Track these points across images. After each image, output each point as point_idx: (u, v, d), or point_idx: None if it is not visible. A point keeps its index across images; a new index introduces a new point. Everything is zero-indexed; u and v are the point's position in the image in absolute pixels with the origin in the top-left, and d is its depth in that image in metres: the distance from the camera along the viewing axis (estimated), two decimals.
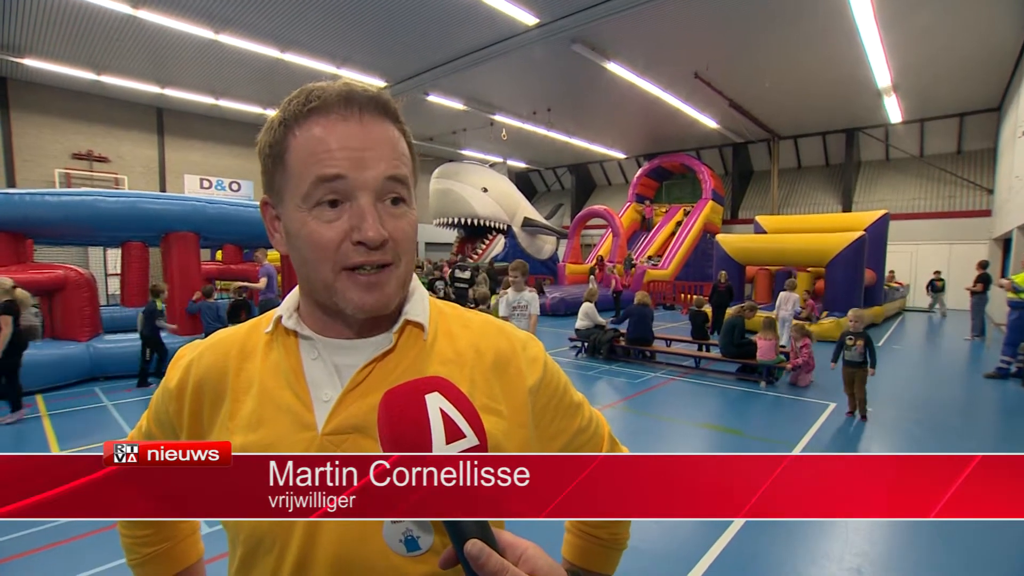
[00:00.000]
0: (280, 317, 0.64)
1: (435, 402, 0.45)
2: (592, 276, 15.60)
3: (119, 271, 10.07)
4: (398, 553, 0.56)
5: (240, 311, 6.82)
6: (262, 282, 7.97)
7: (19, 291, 4.90)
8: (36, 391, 5.90)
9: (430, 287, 8.26)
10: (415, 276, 0.67)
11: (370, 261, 0.55)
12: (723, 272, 10.99)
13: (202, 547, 0.87)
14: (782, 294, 9.10)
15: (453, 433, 0.44)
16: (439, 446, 0.43)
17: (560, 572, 0.45)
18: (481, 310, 5.88)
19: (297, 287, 0.65)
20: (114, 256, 14.52)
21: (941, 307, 15.00)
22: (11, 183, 14.02)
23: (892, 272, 15.46)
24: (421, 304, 0.66)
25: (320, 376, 0.61)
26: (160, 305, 6.35)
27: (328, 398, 0.60)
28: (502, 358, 0.66)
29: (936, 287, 14.85)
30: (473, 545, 0.41)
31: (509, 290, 5.43)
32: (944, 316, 14.61)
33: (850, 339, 5.10)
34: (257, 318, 0.70)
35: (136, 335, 7.11)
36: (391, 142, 0.58)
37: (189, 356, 0.68)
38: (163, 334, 6.43)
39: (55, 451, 4.18)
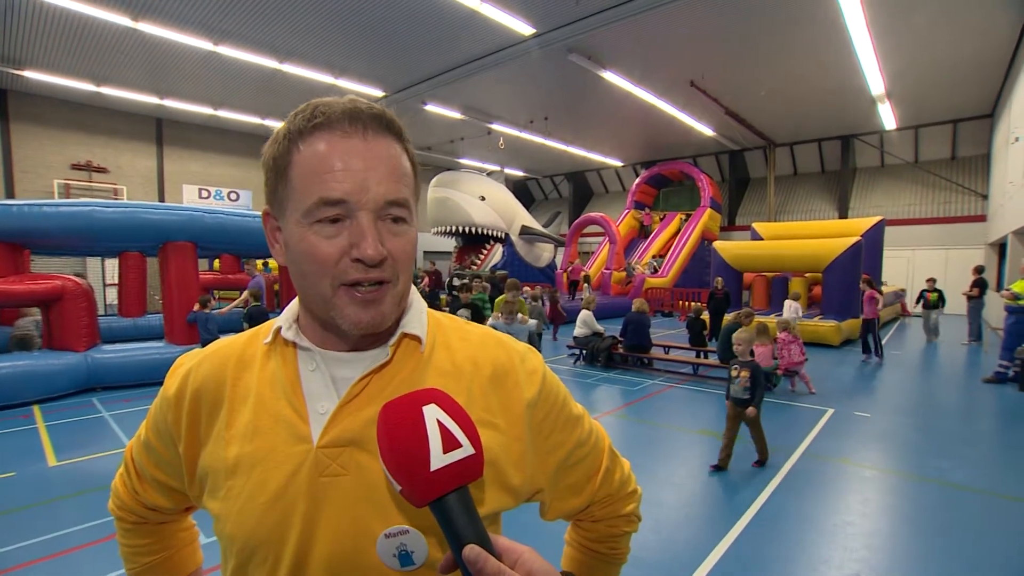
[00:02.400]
0: (279, 328, 0.63)
1: (432, 413, 0.46)
2: (587, 284, 15.64)
3: (117, 281, 10.07)
4: (392, 568, 0.56)
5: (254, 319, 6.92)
6: (242, 297, 8.04)
7: None
8: (33, 402, 5.88)
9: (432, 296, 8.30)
10: (414, 288, 0.67)
11: (368, 278, 0.55)
12: (719, 279, 11.06)
13: (201, 556, 0.87)
14: (787, 302, 9.29)
15: (450, 443, 0.45)
16: (437, 455, 0.44)
17: (555, 574, 0.46)
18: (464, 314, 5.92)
19: (297, 299, 0.65)
20: (112, 266, 14.51)
21: (932, 329, 10.83)
22: (10, 194, 14.05)
23: (884, 283, 14.07)
24: (419, 317, 0.65)
25: (317, 388, 0.61)
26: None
27: (324, 410, 0.59)
28: (500, 371, 0.65)
29: (928, 301, 10.74)
30: (471, 550, 0.42)
31: (499, 319, 5.56)
32: (933, 341, 10.81)
33: (735, 369, 4.08)
34: (256, 328, 0.69)
35: (133, 344, 7.13)
36: (394, 161, 0.57)
37: (188, 365, 0.67)
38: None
39: (52, 463, 4.16)
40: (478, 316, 6.57)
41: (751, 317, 7.32)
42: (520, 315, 5.84)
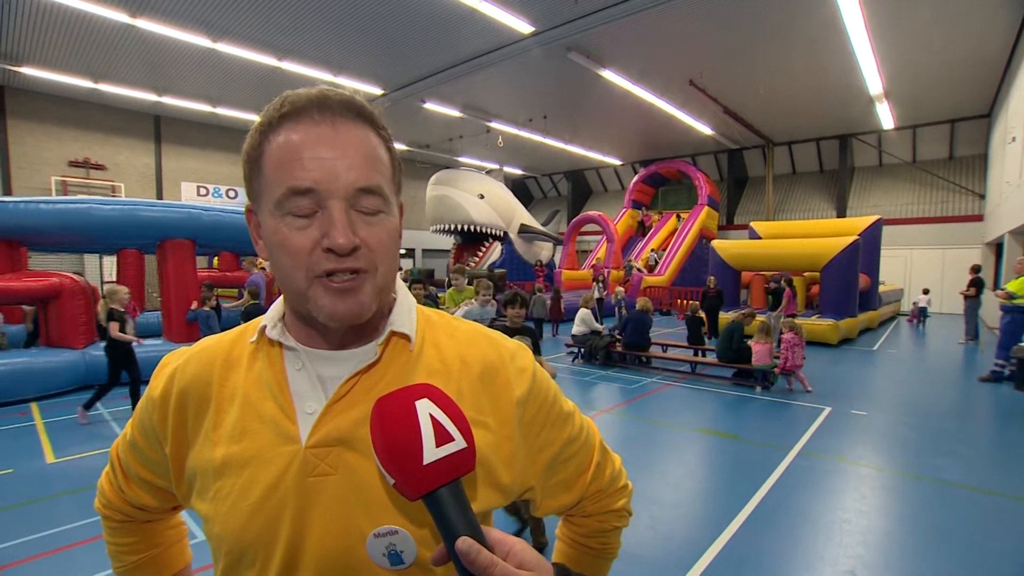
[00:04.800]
0: (264, 327, 0.62)
1: (425, 408, 0.46)
2: (596, 283, 15.46)
3: (115, 278, 10.06)
4: (382, 567, 0.56)
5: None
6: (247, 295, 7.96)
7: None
8: (31, 399, 5.88)
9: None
10: (402, 284, 0.66)
11: (341, 267, 0.53)
12: (712, 277, 11.12)
13: (189, 554, 0.86)
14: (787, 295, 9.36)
15: (442, 437, 0.45)
16: (429, 449, 0.44)
17: (546, 565, 0.46)
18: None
19: (282, 297, 0.63)
20: (110, 263, 14.47)
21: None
22: (7, 191, 14.01)
23: (882, 282, 13.87)
24: (408, 314, 0.64)
25: (304, 388, 0.60)
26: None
27: (312, 410, 0.58)
28: (489, 369, 0.64)
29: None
30: (463, 542, 0.42)
31: (474, 302, 5.26)
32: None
33: None
34: (243, 326, 0.68)
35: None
36: (366, 148, 0.56)
37: (174, 364, 0.66)
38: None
39: (50, 460, 4.16)
40: None
41: (753, 317, 7.33)
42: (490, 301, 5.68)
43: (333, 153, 0.53)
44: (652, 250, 18.99)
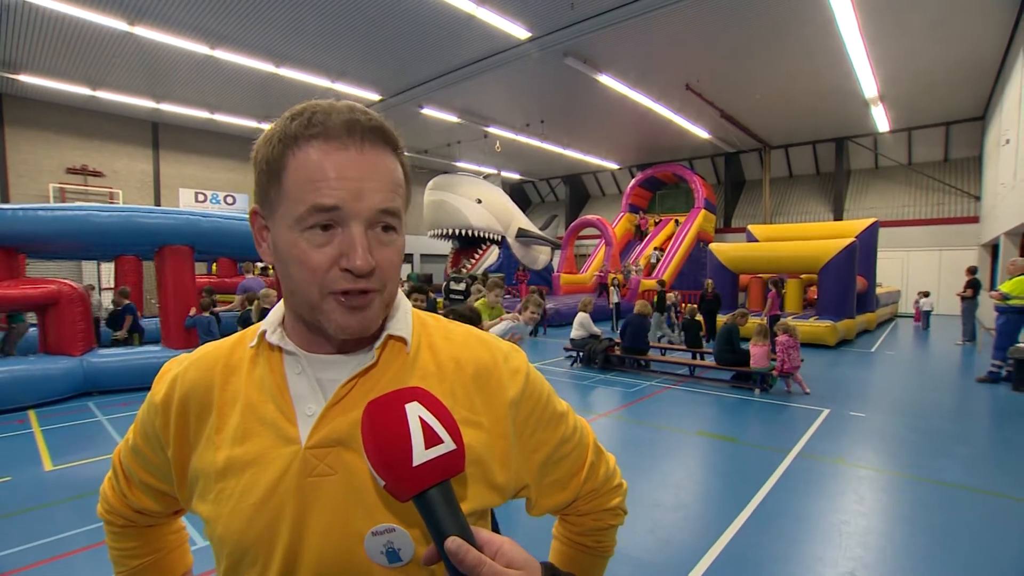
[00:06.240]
0: (264, 332, 0.64)
1: (414, 411, 0.47)
2: (615, 288, 15.10)
3: (113, 285, 10.06)
4: (380, 565, 0.57)
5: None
6: (237, 300, 7.95)
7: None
8: (29, 406, 5.86)
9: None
10: (399, 289, 0.67)
11: (356, 288, 0.56)
12: (709, 280, 11.17)
13: (191, 558, 0.87)
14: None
15: (431, 439, 0.46)
16: (419, 451, 0.46)
17: (534, 564, 0.48)
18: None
19: (282, 301, 0.65)
20: (108, 270, 14.47)
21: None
22: (5, 198, 14.01)
23: (879, 284, 14.03)
24: (404, 318, 0.66)
25: (304, 391, 0.61)
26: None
27: (312, 412, 0.60)
28: (483, 370, 0.66)
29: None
30: (452, 542, 0.43)
31: (520, 318, 4.89)
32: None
33: None
34: (241, 332, 0.70)
35: (128, 349, 7.10)
36: (388, 172, 0.58)
37: (175, 371, 0.68)
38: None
39: (48, 467, 4.15)
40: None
41: (745, 318, 7.37)
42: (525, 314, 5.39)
43: (360, 175, 0.55)
44: (656, 248, 19.02)
